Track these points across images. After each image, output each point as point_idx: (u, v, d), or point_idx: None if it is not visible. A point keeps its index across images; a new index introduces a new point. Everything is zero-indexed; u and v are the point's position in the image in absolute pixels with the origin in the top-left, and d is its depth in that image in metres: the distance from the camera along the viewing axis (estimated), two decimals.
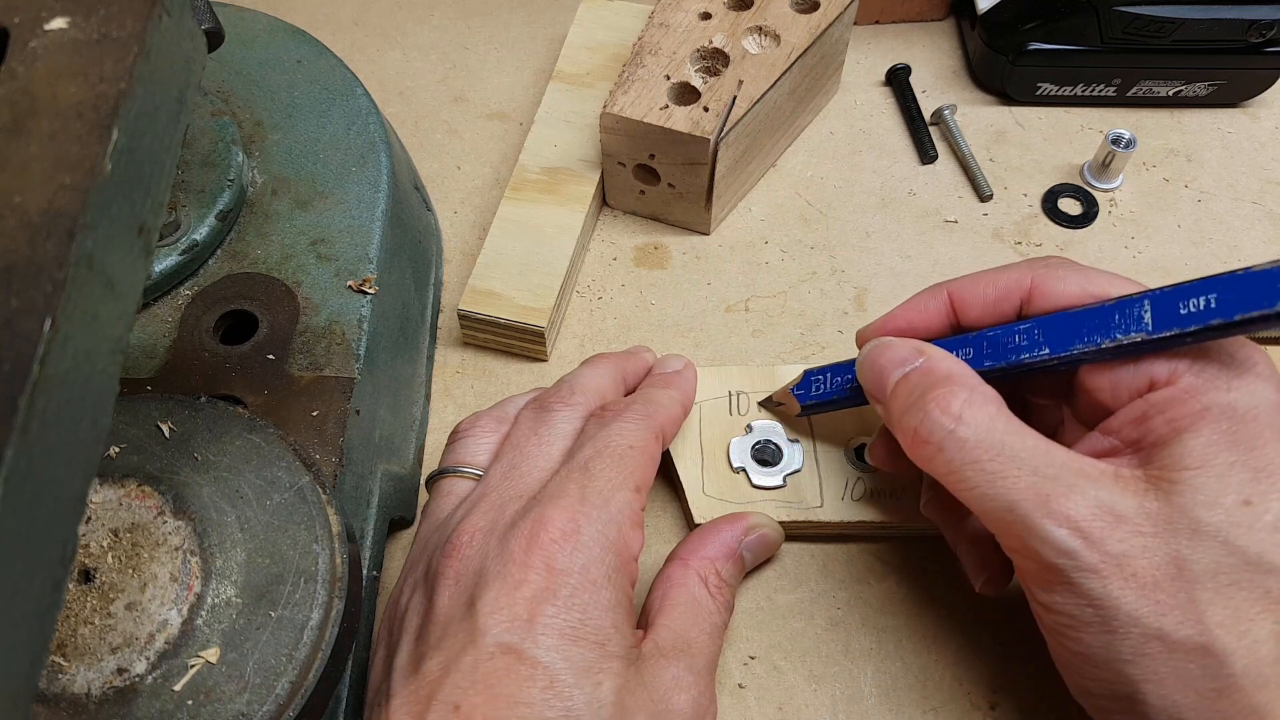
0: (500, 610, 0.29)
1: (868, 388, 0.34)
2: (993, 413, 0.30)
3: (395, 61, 0.57)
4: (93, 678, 0.27)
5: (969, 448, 0.30)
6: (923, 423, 0.31)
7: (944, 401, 0.30)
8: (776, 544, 0.38)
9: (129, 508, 0.30)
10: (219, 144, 0.41)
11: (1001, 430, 0.30)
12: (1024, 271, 0.34)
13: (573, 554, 0.30)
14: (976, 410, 0.30)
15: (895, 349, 0.34)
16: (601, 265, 0.49)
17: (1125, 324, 0.30)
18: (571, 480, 0.32)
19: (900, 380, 0.33)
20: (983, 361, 0.33)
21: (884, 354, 0.34)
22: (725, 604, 0.35)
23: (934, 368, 0.32)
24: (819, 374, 0.39)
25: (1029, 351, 0.32)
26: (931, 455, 0.31)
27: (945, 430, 0.30)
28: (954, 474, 0.30)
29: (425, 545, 0.33)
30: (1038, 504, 0.28)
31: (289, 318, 0.38)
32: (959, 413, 0.30)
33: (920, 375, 0.32)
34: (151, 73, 0.23)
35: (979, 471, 0.29)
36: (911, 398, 0.32)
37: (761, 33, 0.47)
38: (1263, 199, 0.50)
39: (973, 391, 0.31)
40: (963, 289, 0.35)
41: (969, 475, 0.29)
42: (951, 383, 0.31)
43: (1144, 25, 0.49)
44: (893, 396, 0.33)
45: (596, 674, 0.29)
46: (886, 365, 0.33)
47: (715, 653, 0.33)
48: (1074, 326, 0.31)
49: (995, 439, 0.30)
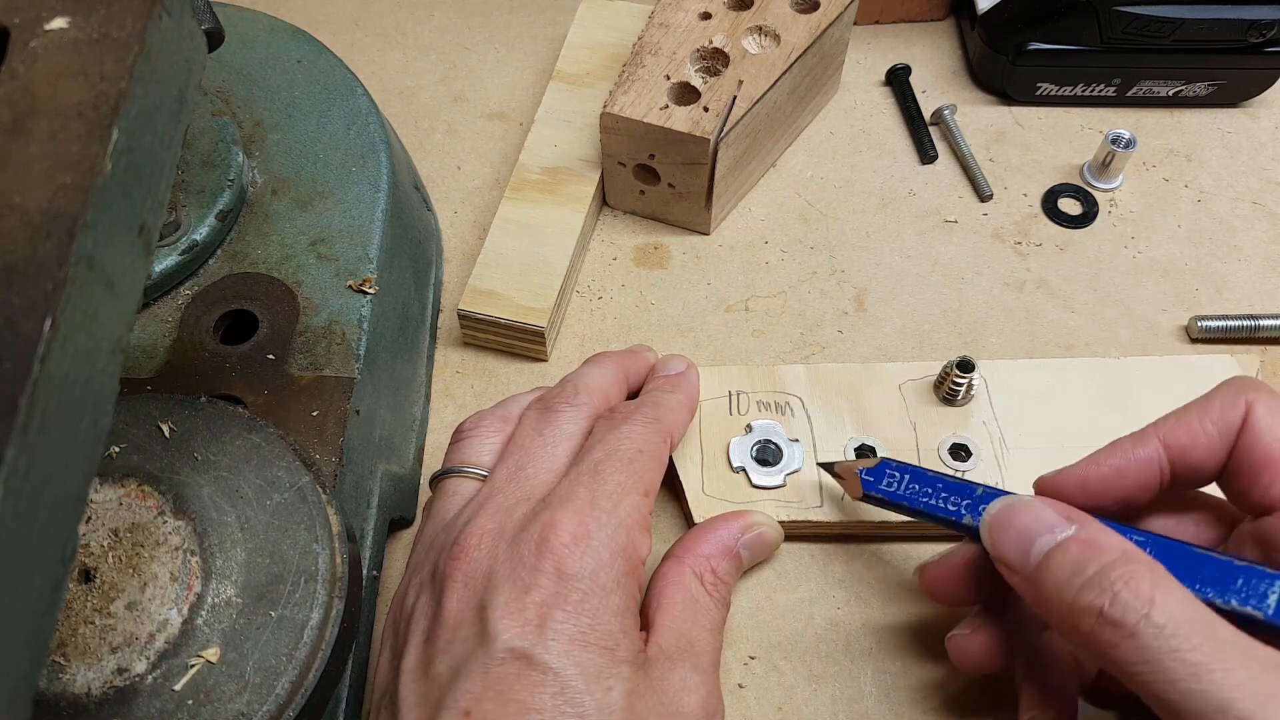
0: (510, 615, 0.29)
1: (1001, 554, 0.30)
2: (1184, 597, 0.26)
3: (395, 61, 0.57)
4: (93, 677, 0.27)
5: (1167, 635, 0.26)
6: (1113, 604, 0.26)
7: (1134, 580, 0.27)
8: (775, 543, 0.38)
9: (129, 508, 0.30)
10: (219, 144, 0.41)
11: (1199, 618, 0.26)
12: (1235, 399, 0.31)
13: (583, 559, 0.30)
14: (1169, 594, 0.26)
15: (1038, 510, 0.30)
16: (601, 265, 0.49)
17: (1245, 594, 0.27)
18: (581, 483, 0.32)
19: (1055, 549, 0.29)
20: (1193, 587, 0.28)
21: (1024, 515, 0.30)
22: (722, 600, 0.35)
23: (1097, 539, 0.28)
24: (896, 470, 0.36)
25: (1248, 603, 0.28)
26: (1118, 641, 0.26)
27: (1139, 614, 0.26)
28: (1146, 664, 0.26)
29: (431, 545, 0.33)
30: (1259, 704, 0.24)
31: (289, 318, 0.38)
32: (1151, 595, 0.26)
33: (1082, 547, 0.28)
34: (151, 73, 0.23)
35: (1182, 663, 0.25)
36: (1083, 573, 0.28)
37: (761, 33, 0.47)
38: (1263, 199, 0.50)
39: (1157, 572, 0.27)
40: (1176, 432, 0.31)
41: (1170, 667, 0.25)
42: (1132, 560, 0.27)
43: (1144, 25, 0.49)
44: (1044, 568, 0.29)
45: (607, 679, 0.29)
46: (1028, 529, 0.30)
47: (718, 650, 0.33)
48: (1230, 578, 0.28)
49: (1196, 627, 0.26)
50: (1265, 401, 0.30)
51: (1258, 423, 0.30)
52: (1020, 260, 0.48)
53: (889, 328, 0.46)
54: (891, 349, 0.46)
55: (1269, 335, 0.45)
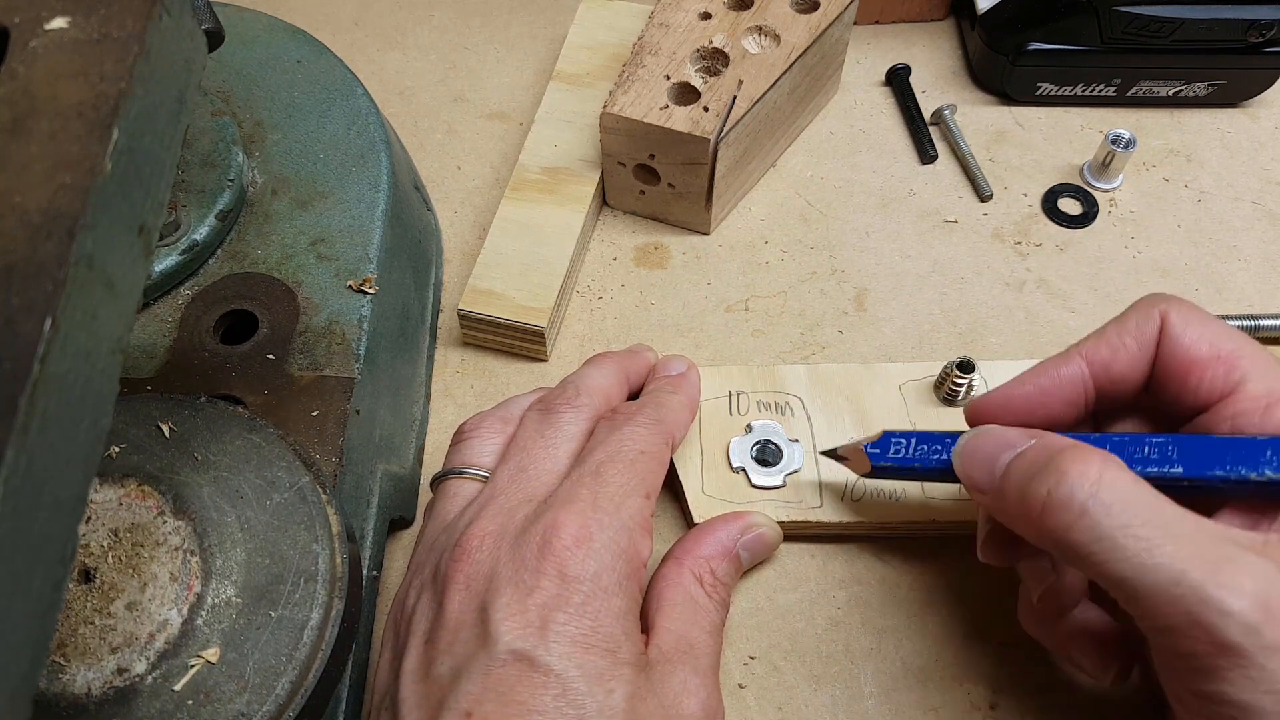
0: (513, 617, 0.29)
1: (969, 477, 0.31)
2: (1132, 477, 0.27)
3: (395, 61, 0.57)
4: (93, 678, 0.27)
5: (1116, 511, 0.26)
6: (1059, 484, 0.27)
7: (1080, 463, 0.27)
8: (775, 544, 0.38)
9: (129, 508, 0.30)
10: (219, 144, 0.41)
11: (1147, 495, 0.27)
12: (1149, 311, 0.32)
13: (585, 561, 0.30)
14: (1117, 474, 0.27)
15: (1002, 434, 0.31)
16: (601, 265, 0.49)
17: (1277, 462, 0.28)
18: (583, 485, 0.32)
19: (1014, 460, 0.30)
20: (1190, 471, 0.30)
21: (989, 440, 0.31)
22: (721, 602, 0.35)
23: (1052, 442, 0.29)
24: (901, 438, 0.35)
25: (1159, 466, 0.29)
26: (1071, 523, 0.27)
27: (1086, 492, 0.27)
28: (1099, 542, 0.26)
29: (432, 547, 0.33)
30: (1209, 573, 0.25)
31: (289, 318, 0.38)
32: (1099, 474, 0.27)
33: (1038, 451, 0.29)
34: (151, 73, 0.23)
35: (1133, 538, 0.26)
36: (1035, 467, 0.28)
37: (761, 33, 0.47)
38: (1263, 199, 0.50)
39: (1106, 456, 0.28)
40: (1098, 348, 0.32)
41: (1122, 543, 0.26)
42: (1081, 450, 0.28)
43: (1144, 25, 0.49)
44: (1005, 478, 0.29)
45: (608, 681, 0.29)
46: (993, 450, 0.30)
47: (717, 651, 0.33)
48: (1216, 453, 0.29)
49: (1145, 503, 0.26)
50: (1178, 309, 0.31)
51: (1174, 329, 0.31)
52: (1020, 260, 0.48)
53: (889, 328, 0.46)
54: (891, 349, 0.46)
55: (1269, 335, 0.45)
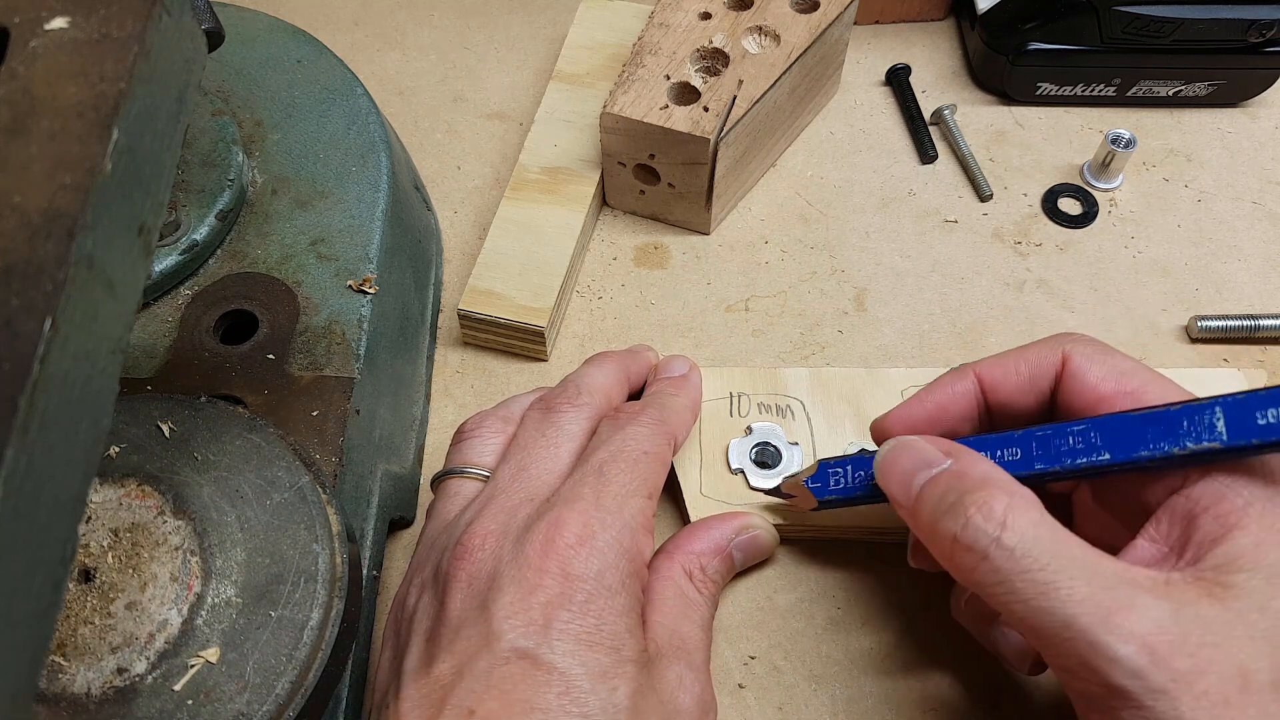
0: (515, 615, 0.29)
1: (889, 491, 0.32)
2: (1036, 518, 0.28)
3: (395, 61, 0.57)
4: (93, 678, 0.27)
5: (1017, 556, 0.27)
6: (965, 529, 0.28)
7: (986, 506, 0.28)
8: (770, 547, 0.38)
9: (129, 508, 0.30)
10: (219, 144, 0.41)
11: (1049, 538, 0.27)
12: (1053, 347, 0.32)
13: (588, 559, 0.30)
14: (1020, 516, 0.28)
15: (918, 449, 0.31)
16: (601, 265, 0.49)
17: (1196, 432, 0.28)
18: (586, 484, 0.32)
19: (928, 483, 0.30)
20: (1033, 465, 0.31)
21: (905, 455, 0.31)
22: (711, 598, 0.35)
23: (967, 470, 0.30)
24: (836, 466, 0.36)
25: (1086, 455, 0.30)
26: (974, 564, 0.28)
27: (990, 537, 0.27)
28: (1000, 585, 0.27)
29: (432, 546, 0.33)
30: (1099, 619, 0.26)
31: (289, 318, 0.38)
32: (1003, 518, 0.27)
33: (951, 478, 0.30)
34: (151, 73, 0.23)
35: (1030, 583, 0.27)
36: (945, 501, 0.29)
37: (761, 33, 0.47)
38: (1263, 199, 0.50)
39: (1014, 496, 0.28)
40: (991, 369, 0.33)
41: (1019, 587, 0.27)
42: (990, 485, 0.28)
43: (1144, 25, 0.49)
44: (919, 501, 0.30)
45: (612, 679, 0.29)
46: (909, 467, 0.31)
47: (708, 646, 0.33)
48: (1137, 431, 0.29)
49: (1045, 547, 0.27)
50: (1082, 348, 0.32)
51: (1077, 366, 0.32)
52: (1020, 260, 0.48)
53: (889, 328, 0.46)
54: (891, 349, 0.46)
55: (1269, 335, 0.45)
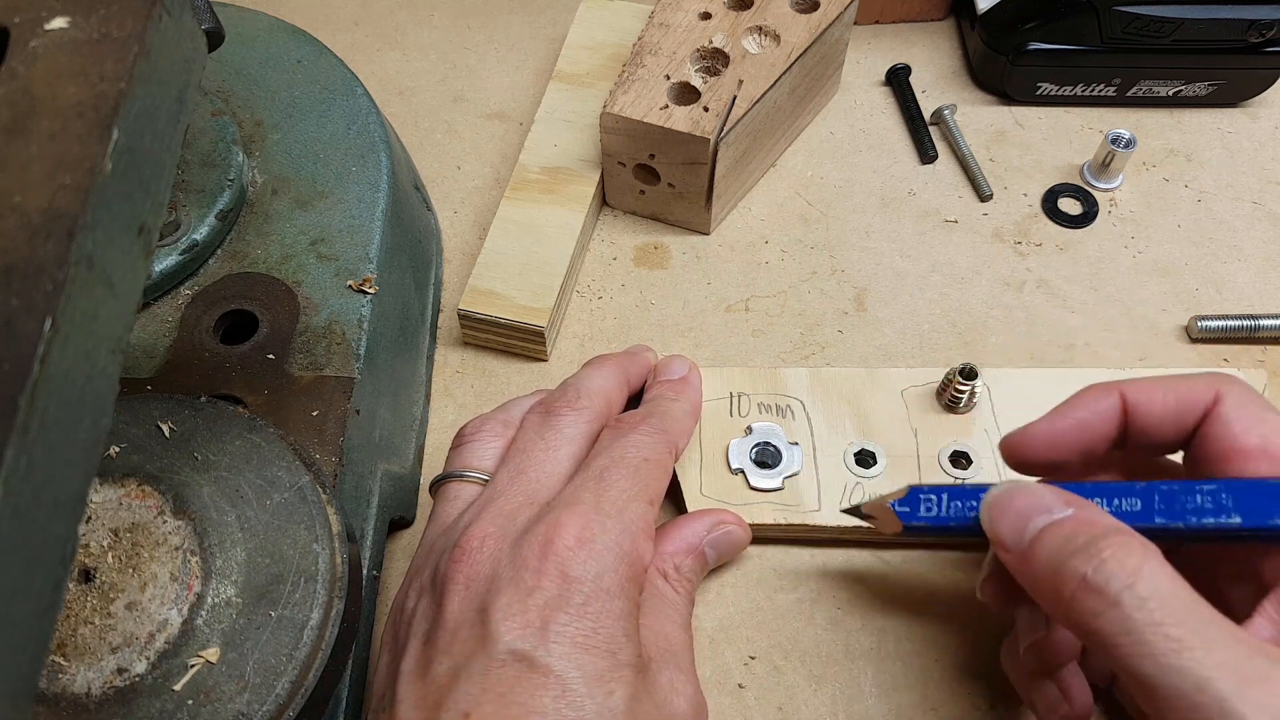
0: (513, 617, 0.29)
1: (996, 532, 0.30)
2: (1171, 574, 0.26)
3: (395, 61, 0.57)
4: (93, 677, 0.27)
5: (1151, 608, 0.26)
6: (1096, 570, 0.26)
7: (1122, 550, 0.27)
8: (743, 543, 0.38)
9: (129, 508, 0.30)
10: (219, 144, 0.41)
11: (1184, 596, 0.26)
12: (1208, 384, 0.31)
13: (587, 562, 0.30)
14: (1157, 569, 0.26)
15: (1039, 494, 0.30)
16: (601, 265, 0.49)
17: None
18: (586, 489, 0.32)
19: (1048, 527, 0.29)
20: (1153, 518, 0.29)
21: (1023, 498, 0.30)
22: (688, 596, 0.35)
23: (1093, 520, 0.28)
24: (930, 494, 0.34)
25: (1214, 516, 0.28)
26: (1102, 611, 0.26)
27: (1123, 583, 0.26)
28: (1130, 635, 0.26)
29: (431, 549, 0.33)
30: (1236, 685, 0.24)
31: (289, 318, 0.38)
32: (1139, 566, 0.26)
33: (1077, 524, 0.28)
34: (151, 73, 0.23)
35: (1163, 637, 0.25)
36: (1073, 544, 0.28)
37: (761, 33, 0.47)
38: (1263, 199, 0.50)
39: (1148, 548, 0.27)
40: (1138, 392, 0.32)
41: (1149, 639, 0.25)
42: (1123, 536, 0.27)
43: (1144, 25, 0.49)
44: (1035, 545, 0.29)
45: (608, 683, 0.29)
46: (1026, 510, 0.29)
47: (692, 646, 0.33)
48: (1274, 497, 0.28)
49: (1181, 603, 0.26)
50: (1236, 394, 0.31)
51: (1226, 413, 0.30)
52: (1020, 260, 0.48)
53: (889, 328, 0.46)
54: (892, 349, 0.46)
55: (1269, 335, 0.45)
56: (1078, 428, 0.32)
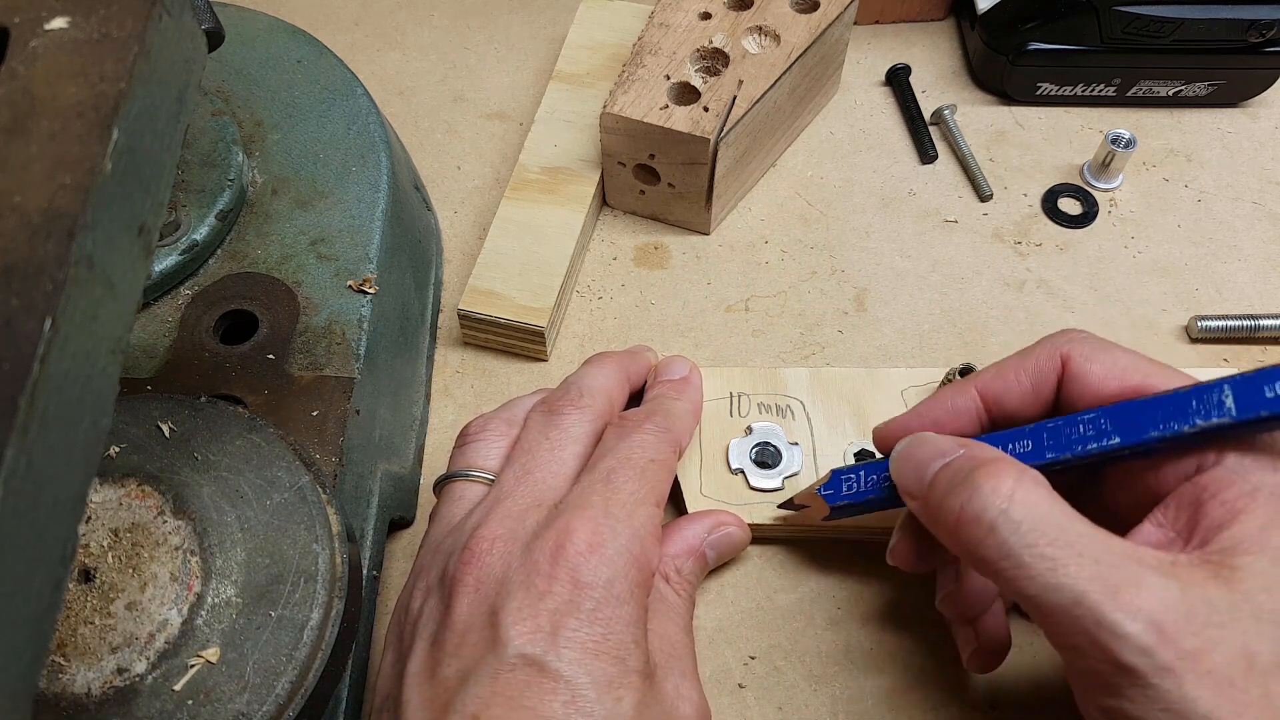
0: (524, 621, 0.29)
1: (903, 483, 0.32)
2: (1046, 495, 0.28)
3: (395, 61, 0.57)
4: (93, 678, 0.27)
5: (1025, 530, 0.27)
6: (971, 499, 0.28)
7: (995, 479, 0.28)
8: (743, 543, 0.38)
9: (129, 508, 0.30)
10: (219, 144, 0.41)
11: (1059, 514, 0.27)
12: (1050, 351, 0.32)
13: (598, 567, 0.30)
14: (1029, 491, 0.28)
15: (935, 442, 0.31)
16: (601, 265, 0.49)
17: (1205, 410, 0.28)
18: (595, 491, 0.32)
19: (941, 469, 0.30)
20: (1044, 454, 0.31)
21: (922, 447, 0.32)
22: (688, 598, 0.35)
23: (978, 454, 0.30)
24: (849, 473, 0.36)
25: (1097, 441, 0.30)
26: (981, 537, 0.28)
27: (998, 509, 0.27)
28: (1007, 559, 0.27)
29: (437, 549, 0.33)
30: (1107, 595, 0.26)
31: (289, 318, 0.38)
32: (1011, 491, 0.27)
33: (963, 460, 0.30)
34: (151, 73, 0.23)
35: (1038, 557, 0.26)
36: (956, 479, 0.29)
37: (761, 33, 0.47)
38: (1263, 199, 0.50)
39: (1023, 473, 0.28)
40: (991, 382, 0.33)
41: (1027, 561, 0.27)
42: (999, 463, 0.29)
43: (1144, 25, 0.49)
44: (932, 486, 0.30)
45: (617, 689, 0.28)
46: (924, 458, 0.31)
47: (694, 649, 0.33)
48: (1147, 414, 0.29)
49: (1054, 521, 0.27)
50: (1080, 347, 0.32)
51: (1077, 367, 0.31)
52: (1020, 260, 0.48)
53: (889, 328, 0.46)
54: (891, 349, 0.46)
55: (1269, 335, 0.45)
56: (933, 425, 0.34)
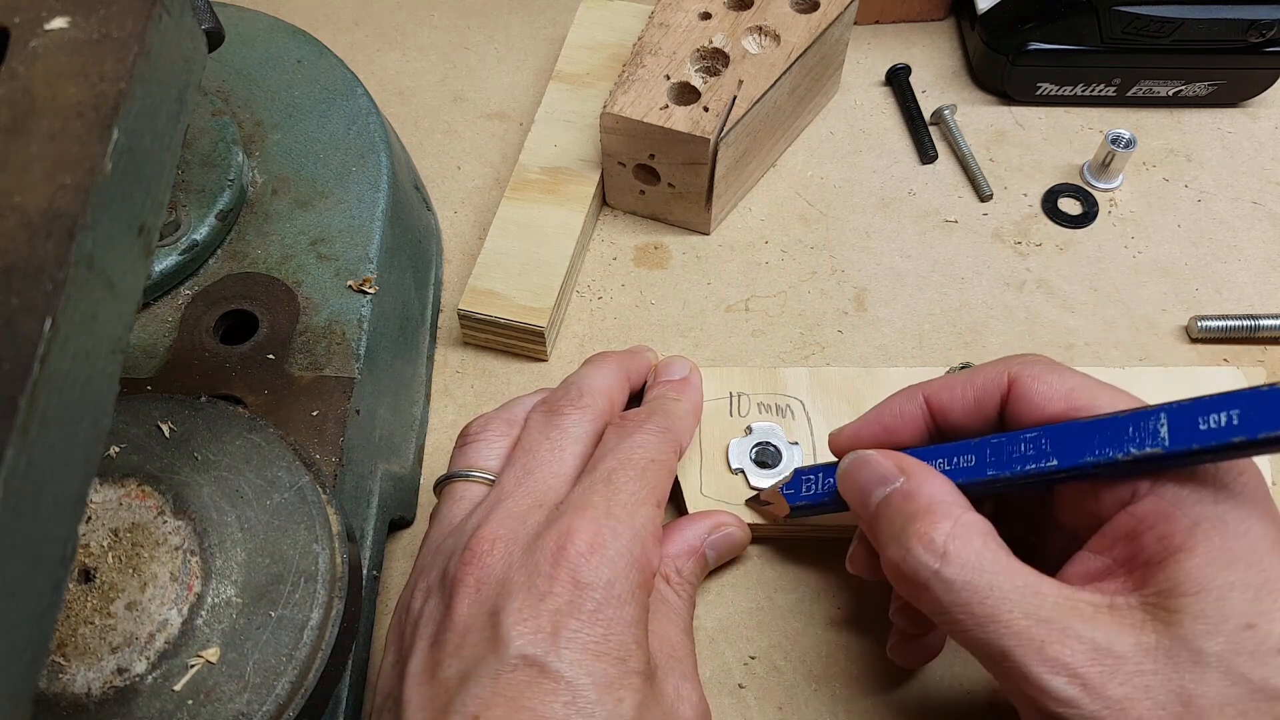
0: (524, 621, 0.29)
1: (850, 504, 0.33)
2: (978, 546, 0.28)
3: (395, 61, 0.58)
4: (93, 678, 0.27)
5: (956, 589, 0.28)
6: (905, 560, 0.29)
7: (927, 536, 0.29)
8: (742, 543, 0.38)
9: (129, 508, 0.30)
10: (219, 144, 0.41)
11: (989, 568, 0.28)
12: (1000, 370, 0.32)
13: (599, 568, 0.30)
14: (963, 545, 0.28)
15: (874, 465, 0.32)
16: (601, 265, 0.49)
17: (1140, 438, 0.28)
18: (596, 492, 0.32)
19: (881, 503, 0.31)
20: (985, 471, 0.31)
21: (863, 469, 0.32)
22: (689, 599, 0.35)
23: (915, 491, 0.30)
24: (810, 474, 0.37)
25: (1035, 462, 0.30)
26: (916, 594, 0.29)
27: (930, 570, 0.28)
28: (941, 615, 0.29)
29: (438, 550, 0.33)
30: (1033, 651, 0.27)
31: (289, 318, 0.38)
32: (943, 548, 0.28)
33: (901, 499, 0.31)
34: (151, 73, 0.23)
35: (968, 615, 0.28)
36: (894, 526, 0.30)
37: (761, 33, 0.47)
38: (1263, 199, 0.50)
39: (957, 522, 0.29)
40: (938, 392, 0.34)
41: (959, 619, 0.28)
42: (934, 514, 0.29)
43: (1144, 25, 0.49)
44: (875, 518, 0.31)
45: (618, 690, 0.28)
46: (865, 483, 0.32)
47: (694, 651, 0.33)
48: (1084, 438, 0.29)
49: (984, 580, 0.28)
50: (1030, 369, 0.32)
51: (1024, 390, 0.32)
52: (1020, 260, 0.48)
53: (889, 328, 0.46)
54: (891, 349, 0.46)
55: (1269, 335, 0.45)
56: (884, 431, 0.34)
